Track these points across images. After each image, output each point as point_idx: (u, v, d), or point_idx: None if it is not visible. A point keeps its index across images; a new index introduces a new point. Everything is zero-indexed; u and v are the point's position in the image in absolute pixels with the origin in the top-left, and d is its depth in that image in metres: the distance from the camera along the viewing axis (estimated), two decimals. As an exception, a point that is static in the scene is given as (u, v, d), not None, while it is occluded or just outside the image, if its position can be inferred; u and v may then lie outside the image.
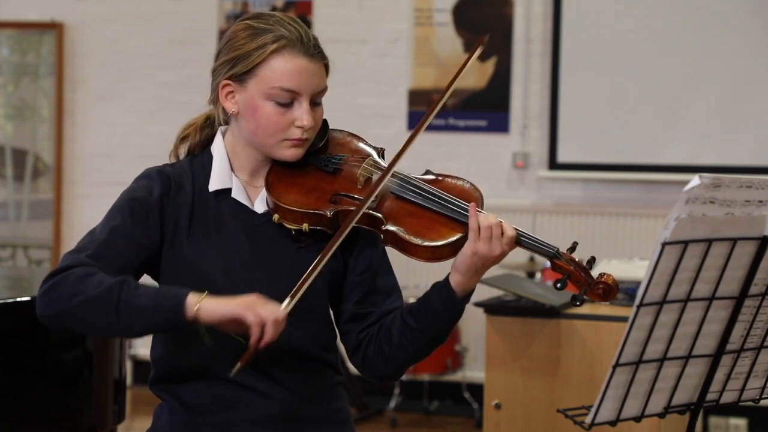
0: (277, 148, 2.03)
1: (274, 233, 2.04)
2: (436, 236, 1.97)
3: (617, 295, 1.98)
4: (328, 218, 2.00)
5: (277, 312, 1.85)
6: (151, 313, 1.87)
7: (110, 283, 1.88)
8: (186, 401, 2.03)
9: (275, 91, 1.99)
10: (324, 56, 2.05)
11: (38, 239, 6.36)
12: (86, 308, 1.88)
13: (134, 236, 1.99)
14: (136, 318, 1.88)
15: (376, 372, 2.08)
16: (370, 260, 2.10)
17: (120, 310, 1.87)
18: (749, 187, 1.79)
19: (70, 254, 1.96)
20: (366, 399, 5.60)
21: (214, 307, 1.85)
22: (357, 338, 2.08)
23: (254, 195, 2.08)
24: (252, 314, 1.83)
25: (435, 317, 1.99)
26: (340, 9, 5.99)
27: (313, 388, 2.06)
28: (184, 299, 1.86)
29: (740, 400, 2.04)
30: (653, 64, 5.49)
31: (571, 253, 1.98)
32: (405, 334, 2.01)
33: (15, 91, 6.37)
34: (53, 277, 1.92)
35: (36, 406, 2.79)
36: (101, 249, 1.96)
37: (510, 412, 3.31)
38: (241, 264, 2.02)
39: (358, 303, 2.09)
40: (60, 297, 1.89)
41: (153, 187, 2.03)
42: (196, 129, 2.15)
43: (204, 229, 2.04)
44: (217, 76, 2.06)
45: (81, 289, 1.88)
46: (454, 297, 1.97)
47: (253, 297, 1.87)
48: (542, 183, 5.77)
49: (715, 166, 5.33)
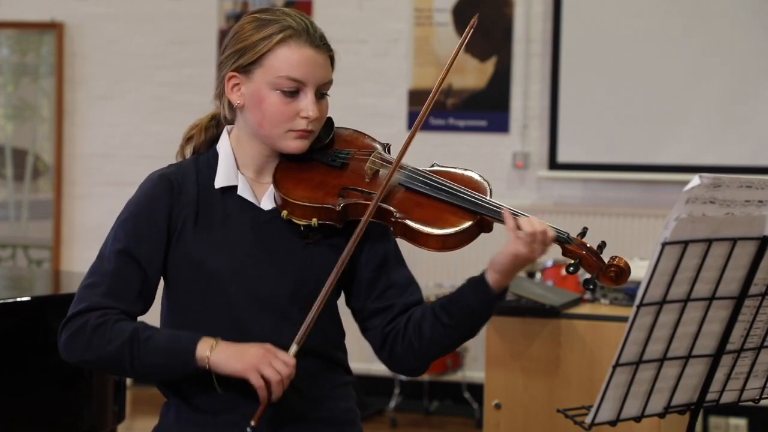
0: (283, 139, 2.04)
1: (281, 230, 2.04)
2: (446, 225, 1.98)
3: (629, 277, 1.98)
4: (337, 212, 2.00)
5: (282, 370, 1.90)
6: (163, 369, 1.96)
7: (123, 339, 1.95)
8: (193, 400, 2.03)
9: (281, 80, 2.00)
10: (330, 48, 2.07)
11: (38, 239, 6.35)
12: (104, 364, 2.00)
13: (142, 255, 2.01)
14: (151, 373, 1.98)
15: (405, 366, 2.10)
16: (384, 254, 2.10)
17: (135, 367, 1.96)
18: (749, 187, 1.80)
19: (84, 290, 2.01)
20: (366, 399, 5.60)
21: (222, 365, 1.92)
22: (383, 333, 2.08)
23: (260, 192, 2.08)
24: (256, 377, 1.89)
25: (470, 314, 1.99)
26: (340, 9, 5.99)
27: (321, 388, 2.06)
28: (194, 353, 1.92)
29: (740, 400, 2.04)
30: (653, 64, 5.49)
31: (581, 238, 1.99)
32: (437, 329, 2.01)
33: (15, 91, 6.37)
34: (71, 321, 1.98)
35: (36, 406, 2.79)
36: (113, 284, 2.00)
37: (510, 412, 3.31)
38: (248, 261, 2.02)
39: (378, 298, 2.09)
40: (78, 348, 1.98)
41: (155, 197, 2.04)
42: (201, 129, 2.16)
43: (209, 227, 2.04)
44: (222, 69, 2.07)
45: (96, 344, 1.96)
46: (490, 294, 1.98)
47: (260, 353, 1.91)
48: (542, 183, 5.77)
49: (715, 166, 5.33)
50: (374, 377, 5.70)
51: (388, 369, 2.14)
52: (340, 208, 2.00)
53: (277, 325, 2.00)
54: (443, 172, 2.08)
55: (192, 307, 2.03)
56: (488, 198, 2.01)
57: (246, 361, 1.90)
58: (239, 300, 2.01)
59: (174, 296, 2.06)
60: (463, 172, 2.08)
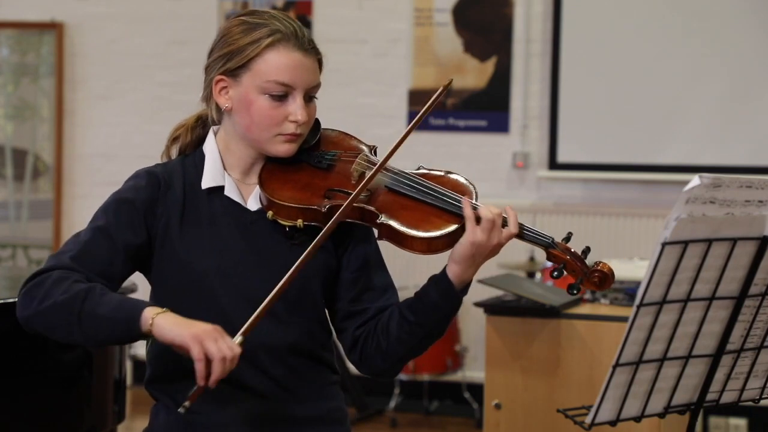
0: (271, 143, 2.04)
1: (267, 230, 2.04)
2: (432, 228, 1.97)
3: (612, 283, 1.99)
4: (323, 213, 2.00)
5: (226, 351, 1.80)
6: (108, 323, 1.86)
7: (77, 290, 1.87)
8: (181, 401, 2.03)
9: (270, 84, 2.00)
10: (318, 52, 2.06)
11: (38, 239, 6.36)
12: (51, 313, 1.88)
13: (119, 236, 1.99)
14: (95, 327, 1.87)
15: (374, 368, 2.08)
16: (364, 257, 2.10)
17: (81, 318, 1.87)
18: (749, 187, 1.80)
19: (53, 256, 1.97)
20: (366, 399, 5.60)
21: (167, 328, 1.82)
22: (353, 335, 2.08)
23: (247, 193, 2.08)
24: (198, 348, 1.79)
25: (433, 309, 1.99)
26: (340, 9, 5.99)
27: (308, 387, 2.06)
28: (141, 312, 1.84)
29: (740, 400, 2.04)
30: (653, 64, 5.49)
31: (566, 243, 1.99)
32: (403, 327, 2.01)
33: (15, 91, 6.37)
34: (33, 278, 1.93)
35: (36, 406, 2.79)
36: (83, 250, 1.96)
37: (510, 412, 3.30)
38: (233, 261, 2.02)
39: (354, 300, 2.08)
40: (32, 300, 1.90)
41: (140, 187, 2.04)
42: (187, 129, 2.16)
43: (195, 227, 2.04)
44: (210, 72, 2.07)
45: (51, 294, 1.88)
46: (452, 288, 1.97)
47: (208, 328, 1.82)
48: (542, 183, 5.77)
49: (715, 166, 5.33)
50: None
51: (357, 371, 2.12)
52: (325, 210, 2.00)
53: (264, 325, 1.99)
54: (429, 174, 2.07)
55: (179, 308, 2.00)
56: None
57: (192, 331, 1.81)
58: (226, 300, 2.00)
59: (161, 297, 2.04)
60: (449, 175, 2.07)
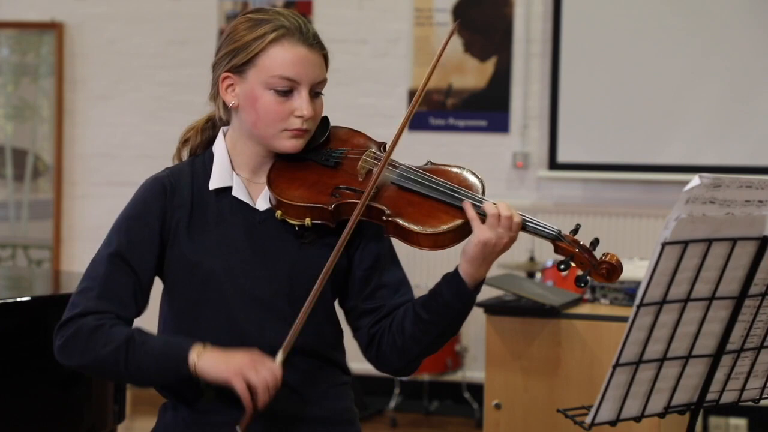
0: (277, 138, 2.04)
1: (276, 230, 2.04)
2: (438, 223, 1.96)
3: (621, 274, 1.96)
4: (330, 211, 2.00)
5: (268, 378, 1.89)
6: (157, 374, 1.97)
7: (117, 343, 1.96)
8: (190, 400, 2.03)
9: (275, 79, 2.00)
10: (323, 47, 2.06)
11: (38, 239, 6.35)
12: (96, 366, 1.99)
13: (134, 258, 2.02)
14: (144, 377, 1.99)
15: (391, 365, 2.08)
16: (376, 254, 2.09)
17: (129, 371, 1.96)
18: (749, 187, 1.79)
19: (78, 296, 2.02)
20: (366, 399, 5.60)
21: (209, 369, 1.92)
22: (369, 333, 2.08)
23: (256, 193, 2.09)
24: (240, 383, 1.89)
25: (446, 308, 1.98)
26: (340, 9, 5.99)
27: (318, 387, 2.06)
28: (185, 361, 1.93)
29: (740, 400, 2.04)
30: (653, 64, 5.49)
31: (573, 235, 1.97)
32: (417, 325, 2.01)
33: (15, 91, 6.37)
34: (66, 325, 1.99)
35: (36, 405, 2.79)
36: (106, 287, 2.01)
37: (510, 412, 3.30)
38: (242, 261, 2.02)
39: (367, 298, 2.08)
40: (74, 352, 1.99)
41: (148, 200, 2.05)
42: (197, 131, 2.17)
43: (204, 228, 2.04)
44: (217, 70, 2.08)
45: (91, 347, 1.97)
46: (464, 287, 1.97)
47: (246, 360, 1.91)
48: (542, 183, 5.77)
49: (715, 166, 5.33)
50: (374, 377, 5.68)
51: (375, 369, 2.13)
52: (332, 208, 2.00)
53: (273, 325, 2.00)
54: (437, 170, 2.07)
55: (190, 307, 2.04)
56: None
57: (231, 367, 1.90)
58: (235, 300, 2.01)
59: (172, 296, 2.07)
60: (458, 170, 2.06)
